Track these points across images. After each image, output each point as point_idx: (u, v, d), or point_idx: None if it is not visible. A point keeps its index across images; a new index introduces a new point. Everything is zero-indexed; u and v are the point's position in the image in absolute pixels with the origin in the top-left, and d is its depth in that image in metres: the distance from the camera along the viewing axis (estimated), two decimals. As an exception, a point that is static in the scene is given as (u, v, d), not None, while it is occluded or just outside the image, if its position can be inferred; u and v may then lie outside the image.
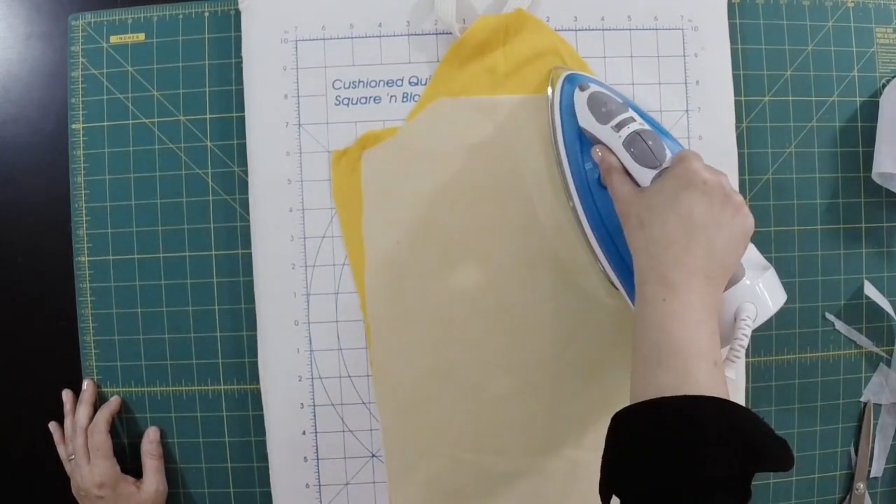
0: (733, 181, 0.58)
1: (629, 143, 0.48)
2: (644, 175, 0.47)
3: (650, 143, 0.48)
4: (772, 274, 0.48)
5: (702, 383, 0.39)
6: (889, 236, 0.62)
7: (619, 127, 0.49)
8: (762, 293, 0.46)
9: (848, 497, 0.62)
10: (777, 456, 0.39)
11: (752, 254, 0.49)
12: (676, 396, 0.39)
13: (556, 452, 0.57)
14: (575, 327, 0.57)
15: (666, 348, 0.41)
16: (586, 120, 0.51)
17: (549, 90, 0.55)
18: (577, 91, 0.52)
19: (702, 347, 0.41)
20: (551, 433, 0.57)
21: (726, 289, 0.45)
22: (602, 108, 0.50)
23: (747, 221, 0.44)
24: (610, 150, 0.50)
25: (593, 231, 0.53)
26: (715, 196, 0.43)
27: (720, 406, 0.39)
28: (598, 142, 0.51)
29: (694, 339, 0.41)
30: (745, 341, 0.44)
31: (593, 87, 0.52)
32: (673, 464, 0.37)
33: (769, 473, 0.61)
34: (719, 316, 0.44)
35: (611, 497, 0.40)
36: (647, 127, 0.49)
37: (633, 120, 0.49)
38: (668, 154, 0.47)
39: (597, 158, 0.50)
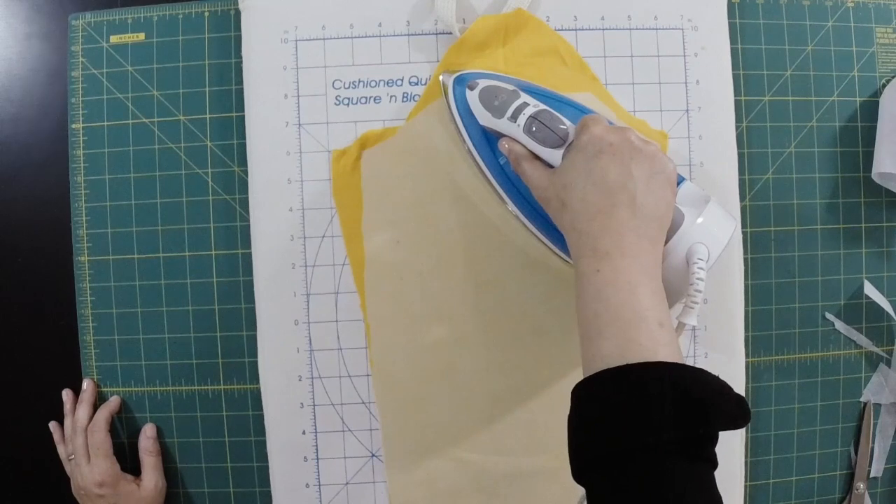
0: (733, 181, 0.58)
1: (528, 128, 0.47)
2: (553, 155, 0.47)
3: (547, 122, 0.47)
4: (713, 205, 0.46)
5: (645, 347, 0.38)
6: (889, 236, 0.62)
7: (514, 116, 0.48)
8: (708, 229, 0.45)
9: (848, 497, 0.62)
10: (729, 413, 0.37)
11: (689, 190, 0.47)
12: (618, 366, 0.38)
13: (556, 452, 0.57)
14: (576, 327, 0.57)
15: (604, 317, 0.40)
16: (484, 118, 0.50)
17: (445, 99, 0.54)
18: (467, 92, 0.52)
19: (641, 310, 0.39)
20: (551, 433, 0.57)
21: (669, 238, 0.44)
22: (494, 101, 0.50)
23: (667, 167, 0.43)
24: (515, 140, 0.49)
25: (535, 225, 0.52)
26: (625, 153, 0.43)
27: (663, 369, 0.37)
28: (503, 136, 0.50)
29: (631, 303, 0.40)
30: (701, 285, 0.43)
31: (482, 83, 0.51)
32: (617, 433, 0.36)
33: (769, 473, 0.61)
34: (671, 267, 0.44)
35: (581, 474, 0.39)
36: (542, 107, 0.48)
37: (526, 105, 0.48)
38: (570, 127, 0.47)
39: (504, 151, 0.49)
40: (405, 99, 0.57)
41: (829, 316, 0.61)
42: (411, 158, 0.57)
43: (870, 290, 0.61)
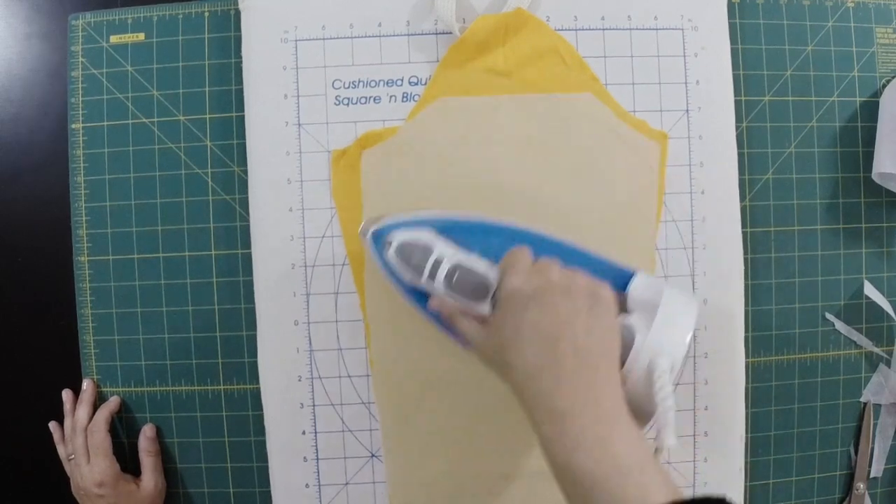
0: (733, 181, 0.58)
1: (449, 285, 0.45)
2: (481, 306, 0.44)
3: (466, 276, 0.44)
4: (667, 298, 0.43)
5: (638, 500, 0.35)
6: (889, 236, 0.62)
7: (433, 275, 0.45)
8: (665, 334, 0.42)
9: (848, 497, 0.62)
10: None
11: (638, 290, 0.45)
12: None
13: (555, 452, 0.57)
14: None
15: (585, 483, 0.37)
16: (407, 277, 0.47)
17: (369, 257, 0.52)
18: (385, 249, 0.48)
19: (620, 464, 0.36)
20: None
21: (624, 359, 0.42)
22: (411, 260, 0.47)
23: (601, 295, 0.41)
24: (443, 298, 0.46)
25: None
26: (553, 298, 0.40)
27: None
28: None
29: (607, 461, 0.37)
30: (671, 401, 0.40)
31: (396, 239, 0.48)
32: None
33: (768, 473, 0.61)
34: (633, 389, 0.41)
35: None
36: (456, 258, 0.45)
37: (441, 259, 0.46)
38: (490, 271, 0.45)
39: (436, 310, 0.47)
40: (405, 99, 0.57)
41: (829, 316, 0.61)
42: (411, 158, 0.57)
43: (870, 290, 0.61)
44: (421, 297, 0.48)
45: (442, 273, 0.45)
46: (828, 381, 0.61)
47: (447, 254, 0.46)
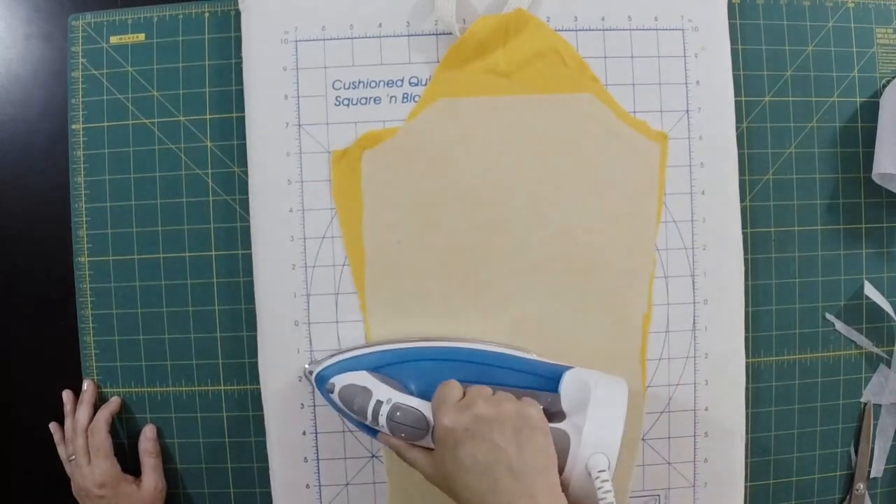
0: (733, 181, 0.58)
1: (391, 428, 0.48)
2: (425, 441, 0.47)
3: (403, 418, 0.47)
4: (594, 397, 0.46)
5: None
6: (889, 236, 0.62)
7: (375, 418, 0.49)
8: (598, 432, 0.45)
9: (848, 497, 0.62)
10: None
11: (568, 391, 0.48)
12: None
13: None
14: (576, 328, 0.57)
15: None
16: (355, 418, 0.51)
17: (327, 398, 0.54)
18: (329, 391, 0.52)
19: None
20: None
21: (563, 464, 0.44)
22: (353, 405, 0.50)
23: (528, 417, 0.44)
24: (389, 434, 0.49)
25: None
26: (482, 431, 0.44)
27: None
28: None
29: None
30: (611, 496, 0.43)
31: (338, 382, 0.51)
32: None
33: (769, 473, 0.61)
34: (577, 488, 0.44)
35: None
36: (394, 401, 0.48)
37: (381, 402, 0.49)
38: (425, 412, 0.47)
39: (385, 445, 0.50)
40: (405, 99, 0.57)
41: (829, 316, 0.61)
42: (411, 158, 0.57)
43: (870, 290, 0.61)
44: (371, 429, 0.51)
45: (383, 418, 0.48)
46: (828, 381, 0.61)
47: (385, 397, 0.49)
